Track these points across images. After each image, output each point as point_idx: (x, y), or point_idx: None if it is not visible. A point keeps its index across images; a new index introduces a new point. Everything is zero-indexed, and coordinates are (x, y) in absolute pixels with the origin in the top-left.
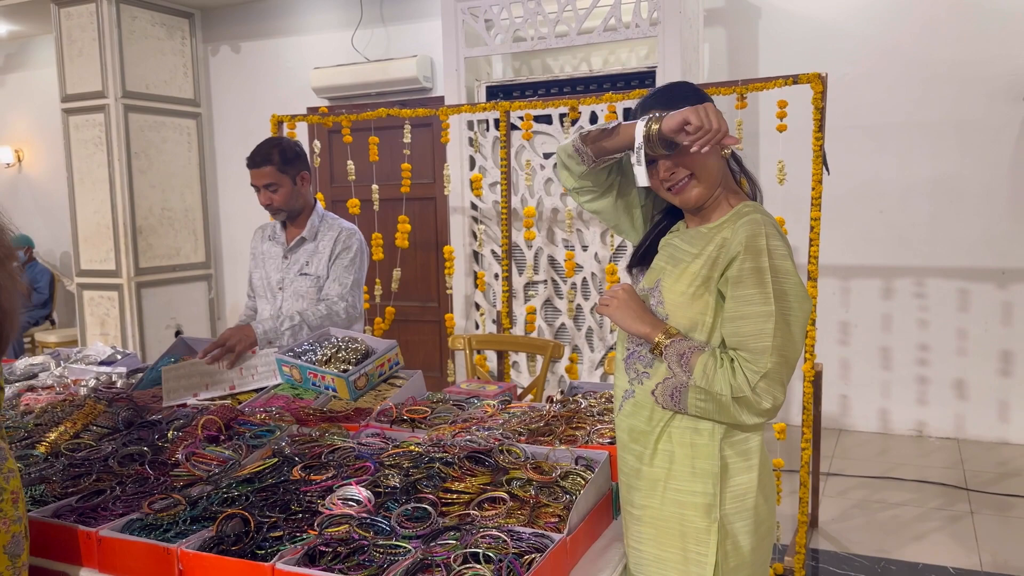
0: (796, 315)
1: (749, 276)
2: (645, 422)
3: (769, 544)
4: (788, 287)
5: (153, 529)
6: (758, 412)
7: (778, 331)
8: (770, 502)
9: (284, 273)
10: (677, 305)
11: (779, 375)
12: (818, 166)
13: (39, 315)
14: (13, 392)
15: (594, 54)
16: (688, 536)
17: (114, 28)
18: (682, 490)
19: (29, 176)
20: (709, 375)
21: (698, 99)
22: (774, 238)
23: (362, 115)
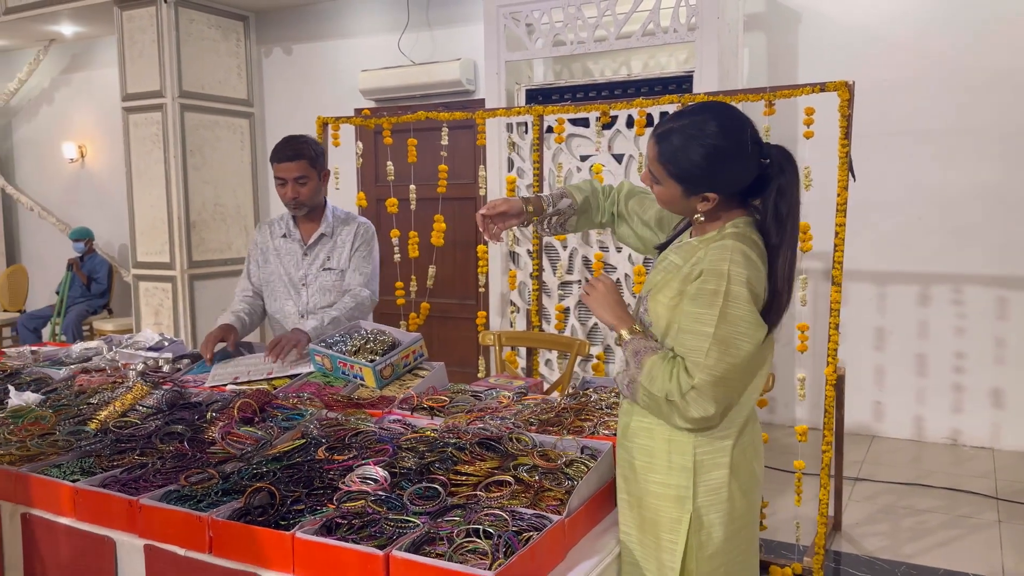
0: (740, 341)
1: (703, 296)
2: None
3: (748, 535)
4: (737, 312)
5: (188, 499)
6: (685, 418)
7: (713, 352)
8: (749, 496)
9: (307, 269)
10: (659, 316)
11: (710, 391)
12: (844, 172)
13: (98, 304)
14: (68, 373)
15: (634, 58)
16: (662, 525)
17: (172, 30)
18: (660, 482)
19: (91, 171)
20: (653, 375)
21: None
22: (737, 264)
23: (402, 118)
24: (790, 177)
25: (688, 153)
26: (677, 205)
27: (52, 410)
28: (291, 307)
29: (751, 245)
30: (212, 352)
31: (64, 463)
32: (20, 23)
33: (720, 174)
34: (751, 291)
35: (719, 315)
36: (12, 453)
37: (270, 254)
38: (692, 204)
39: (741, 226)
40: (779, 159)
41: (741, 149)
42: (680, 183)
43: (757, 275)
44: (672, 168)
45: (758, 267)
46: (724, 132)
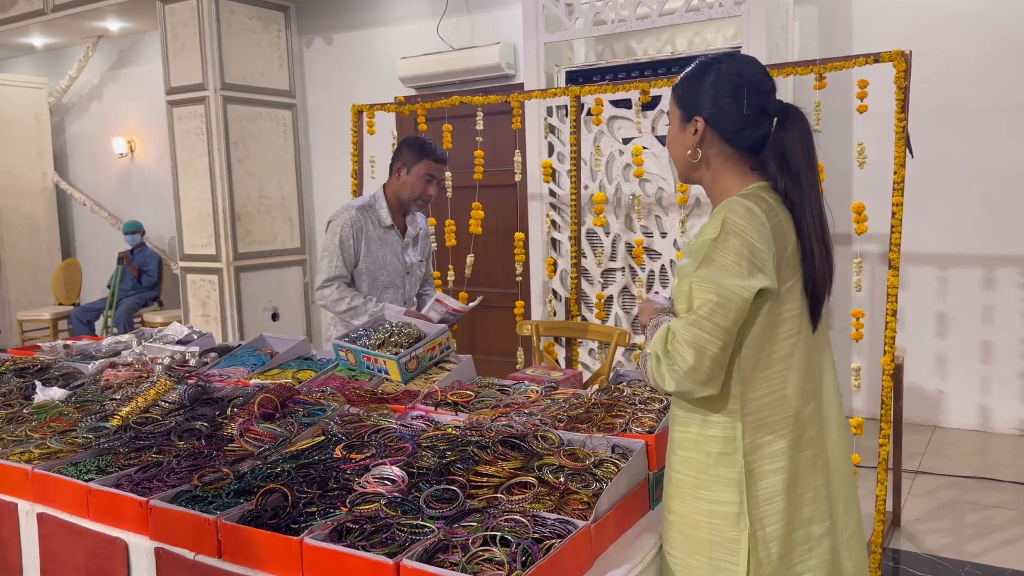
0: (723, 281)
1: (694, 247)
2: (671, 427)
3: (819, 545)
4: (724, 258)
5: (200, 501)
6: (671, 372)
7: (696, 293)
8: (811, 504)
9: (411, 260)
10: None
11: (688, 335)
12: (901, 149)
13: (148, 296)
14: (96, 368)
15: (679, 35)
16: (716, 545)
17: (213, 22)
18: (709, 499)
19: (140, 165)
20: (655, 340)
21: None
22: (735, 214)
23: (436, 103)
24: (797, 128)
25: (690, 75)
26: (677, 145)
27: (77, 406)
28: (392, 295)
29: (758, 200)
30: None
31: (82, 461)
32: (68, 20)
33: (715, 96)
34: (746, 241)
35: (704, 257)
36: (31, 451)
37: (373, 243)
38: (686, 139)
39: (753, 188)
40: (785, 112)
41: (741, 80)
42: (679, 106)
43: (758, 230)
44: (676, 92)
45: (761, 221)
46: (734, 59)
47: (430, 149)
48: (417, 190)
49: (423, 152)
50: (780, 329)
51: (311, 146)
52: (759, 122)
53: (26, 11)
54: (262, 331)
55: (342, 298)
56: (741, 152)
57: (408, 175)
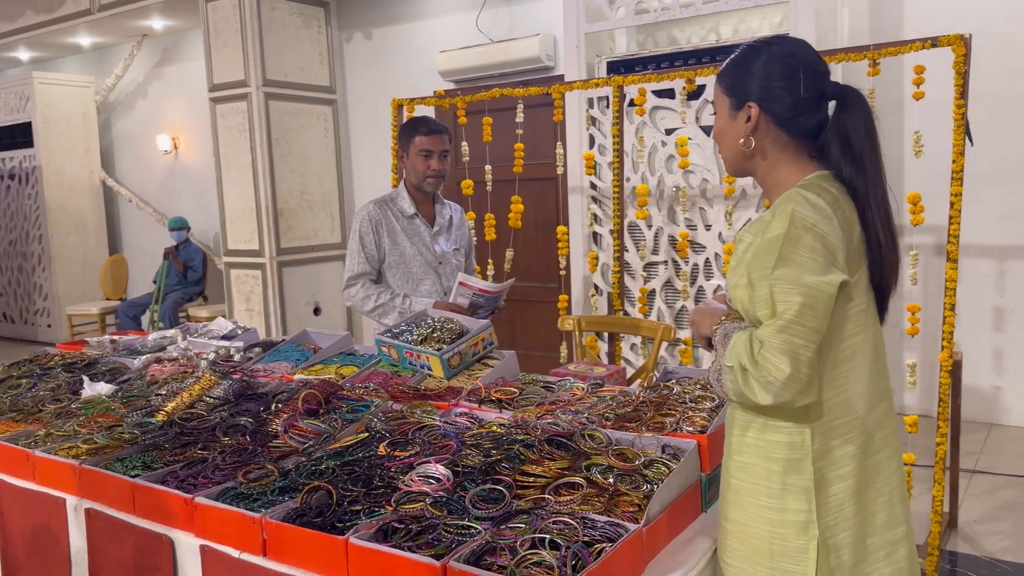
0: (806, 278)
1: (764, 245)
2: (728, 431)
3: (895, 550)
4: (800, 255)
5: (245, 498)
6: (764, 384)
7: (779, 296)
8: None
9: (443, 248)
10: (737, 299)
11: (778, 343)
12: (959, 137)
13: (193, 291)
14: (143, 363)
15: (723, 23)
16: (780, 555)
17: (255, 19)
18: (773, 507)
19: (184, 162)
20: (733, 348)
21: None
22: (802, 207)
23: (475, 96)
24: (859, 110)
25: (739, 59)
26: (727, 137)
27: (123, 401)
28: (428, 286)
29: (820, 191)
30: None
31: (128, 456)
32: (113, 19)
33: (768, 80)
34: (817, 235)
35: (778, 257)
36: (78, 446)
37: (398, 235)
38: (738, 128)
39: (812, 178)
40: (844, 94)
41: (796, 61)
42: (729, 94)
43: (827, 222)
44: (724, 80)
45: (828, 214)
46: (785, 41)
47: (418, 124)
48: (419, 169)
49: (412, 130)
50: (847, 326)
51: (351, 141)
52: (817, 106)
53: (73, 11)
54: (304, 325)
55: (368, 296)
56: (797, 139)
57: (408, 159)
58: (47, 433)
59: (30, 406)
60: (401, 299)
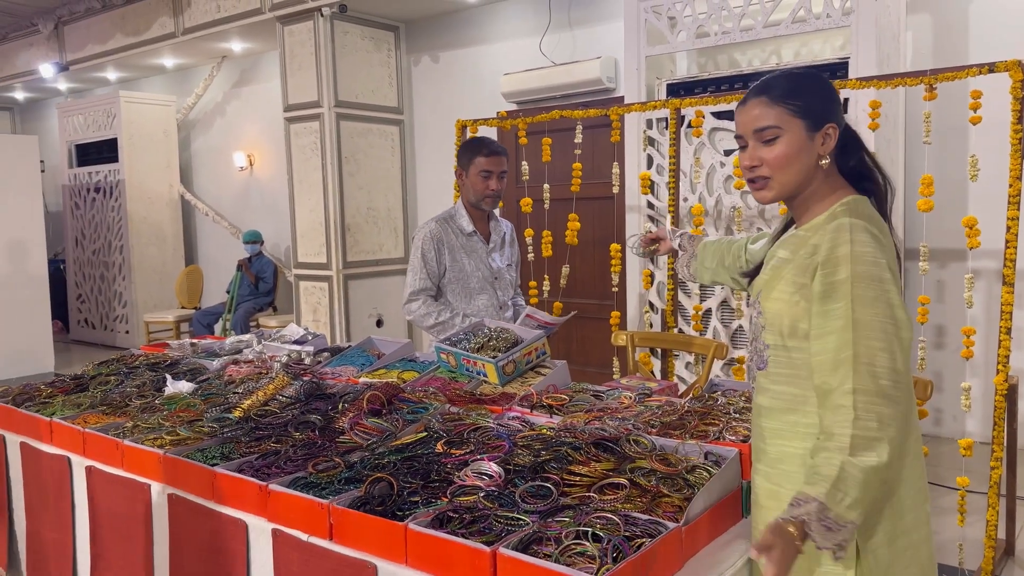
0: (891, 323)
1: (832, 289)
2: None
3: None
4: (873, 293)
5: (314, 487)
6: (875, 439)
7: (860, 340)
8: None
9: (498, 266)
10: (774, 313)
11: (872, 384)
12: (1017, 161)
13: (264, 302)
14: (220, 364)
15: (785, 46)
16: (817, 559)
17: (328, 43)
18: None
19: (259, 179)
20: (827, 473)
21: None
22: (861, 244)
23: (537, 118)
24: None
25: (802, 83)
26: (800, 158)
27: (203, 398)
28: (485, 301)
29: (869, 220)
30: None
31: (207, 448)
32: (195, 42)
33: (836, 102)
34: (887, 268)
35: (853, 301)
36: (163, 437)
37: (457, 252)
38: (815, 148)
39: (851, 202)
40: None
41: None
42: (803, 116)
43: (889, 253)
44: (794, 103)
45: (886, 245)
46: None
47: (479, 145)
48: (479, 188)
49: (473, 150)
50: None
51: (416, 160)
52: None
53: (159, 34)
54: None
55: (428, 313)
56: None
57: (468, 177)
58: (134, 425)
59: (119, 401)
60: (460, 318)
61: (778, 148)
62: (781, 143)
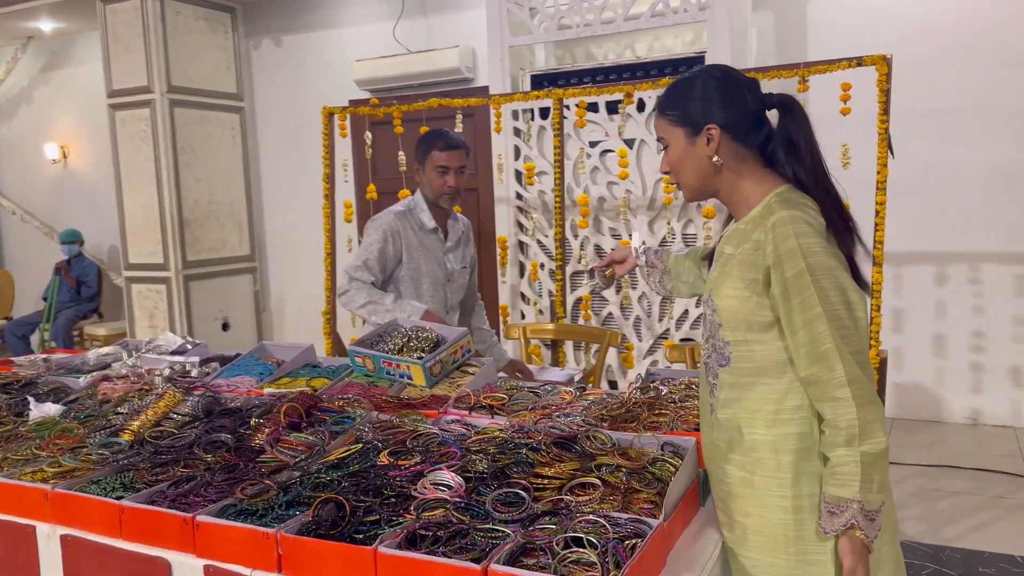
0: (845, 308)
1: (789, 285)
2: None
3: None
4: (826, 282)
5: (248, 515)
6: (876, 421)
7: (833, 330)
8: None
9: (453, 266)
10: (728, 309)
11: (857, 371)
12: (883, 150)
13: (87, 308)
14: (88, 382)
15: (638, 40)
16: (800, 540)
17: (158, 23)
18: (797, 495)
19: (75, 171)
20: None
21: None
22: (804, 236)
23: (413, 105)
24: (797, 114)
25: (680, 91)
26: (688, 163)
27: (79, 421)
28: (433, 303)
29: (804, 208)
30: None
31: (102, 478)
32: None
33: (717, 101)
34: (832, 254)
35: (816, 293)
36: (44, 470)
37: (413, 249)
38: (699, 151)
39: (783, 192)
40: (783, 102)
41: (735, 81)
42: (682, 125)
43: (828, 237)
44: (672, 114)
45: (823, 229)
46: (716, 68)
47: (435, 138)
48: (436, 185)
49: (429, 143)
50: None
51: (260, 150)
52: (762, 118)
53: None
54: (213, 341)
55: (360, 291)
56: (753, 152)
57: (424, 173)
58: (3, 457)
59: None
60: (392, 299)
61: (670, 156)
62: (670, 151)
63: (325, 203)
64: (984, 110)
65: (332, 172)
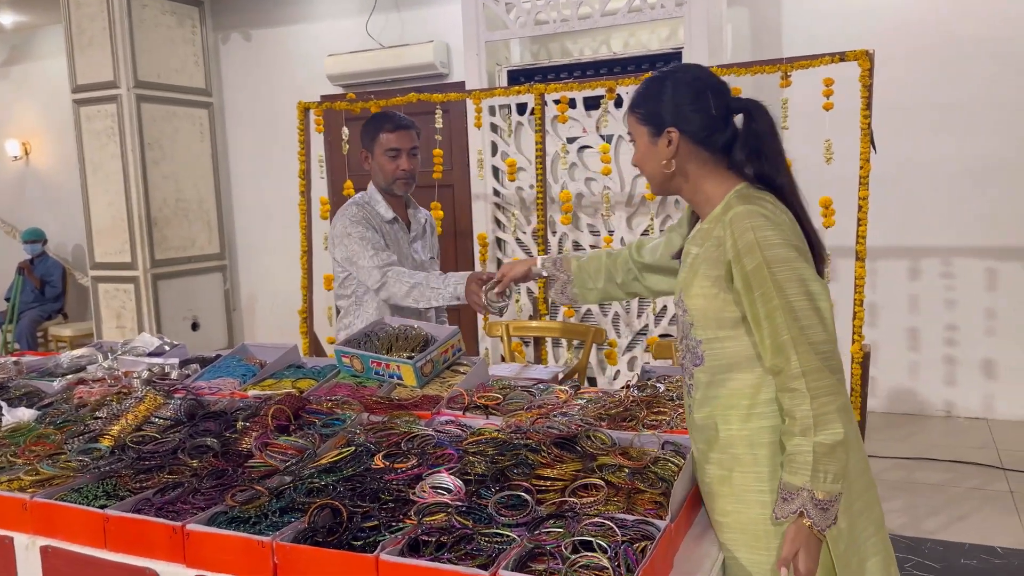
0: (806, 299)
1: (750, 279)
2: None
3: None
4: (784, 274)
5: (240, 522)
6: (833, 412)
7: (790, 321)
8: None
9: (420, 257)
10: (698, 308)
11: (815, 361)
12: (866, 145)
13: (52, 308)
14: (63, 385)
15: (614, 36)
16: (777, 534)
17: (124, 17)
18: (765, 490)
19: (37, 169)
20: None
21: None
22: (762, 229)
23: (391, 100)
24: (763, 119)
25: (649, 90)
26: (650, 161)
27: (54, 427)
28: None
29: (760, 202)
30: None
31: (83, 486)
32: None
33: (679, 105)
34: (791, 247)
35: (774, 286)
36: (21, 478)
37: (385, 238)
38: (660, 152)
39: (741, 189)
40: (748, 107)
41: (702, 84)
42: (645, 123)
43: (790, 227)
44: (638, 111)
45: (782, 220)
46: (684, 68)
47: (381, 120)
48: (387, 170)
49: (376, 127)
50: None
51: (229, 146)
52: (726, 121)
53: None
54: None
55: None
56: (715, 154)
57: (374, 159)
58: None
59: None
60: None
61: (636, 152)
62: (636, 147)
63: (301, 200)
64: (956, 106)
65: (308, 168)
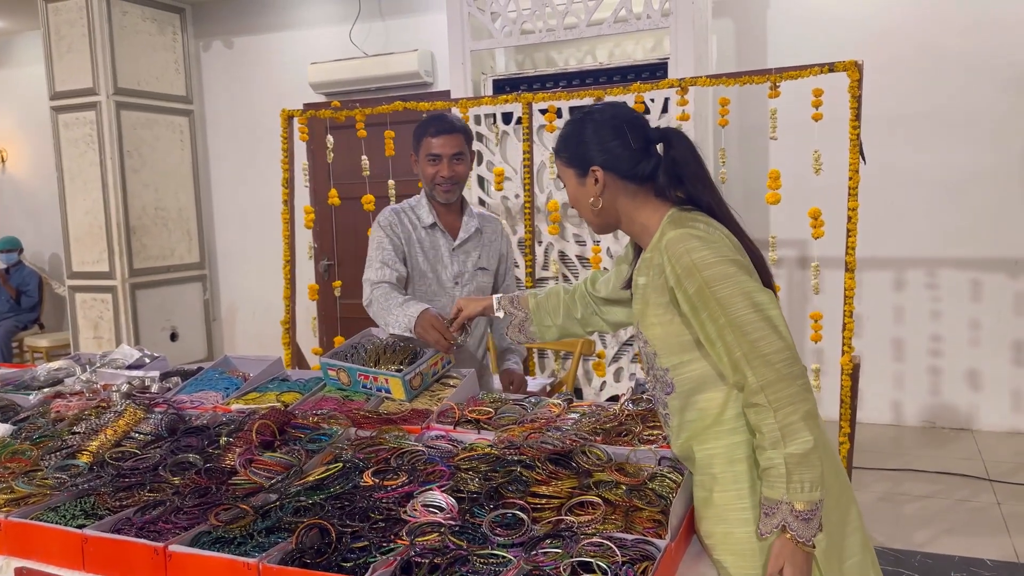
0: (754, 311)
1: (694, 301)
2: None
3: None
4: (726, 291)
5: (224, 543)
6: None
7: (740, 337)
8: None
9: (460, 267)
10: (657, 337)
11: (771, 372)
12: (854, 155)
13: (28, 319)
14: (40, 399)
15: (599, 47)
16: (765, 549)
17: (104, 23)
18: (747, 506)
19: (13, 176)
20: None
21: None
22: (697, 250)
23: (377, 108)
24: (682, 144)
25: (570, 133)
26: (582, 200)
27: (30, 442)
28: (439, 308)
29: (692, 224)
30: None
31: (60, 505)
32: None
33: (600, 143)
34: (729, 262)
35: (718, 304)
36: None
37: (413, 246)
38: (589, 191)
39: (673, 214)
40: (667, 135)
41: (619, 121)
42: (571, 165)
43: (726, 243)
44: (563, 155)
45: (716, 238)
46: (601, 108)
47: (426, 123)
48: (428, 175)
49: (422, 130)
50: None
51: (210, 154)
52: (648, 152)
53: None
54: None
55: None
56: (643, 185)
57: (419, 163)
58: None
59: None
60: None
61: (568, 194)
62: (567, 190)
63: (284, 208)
64: (938, 117)
65: (292, 177)
